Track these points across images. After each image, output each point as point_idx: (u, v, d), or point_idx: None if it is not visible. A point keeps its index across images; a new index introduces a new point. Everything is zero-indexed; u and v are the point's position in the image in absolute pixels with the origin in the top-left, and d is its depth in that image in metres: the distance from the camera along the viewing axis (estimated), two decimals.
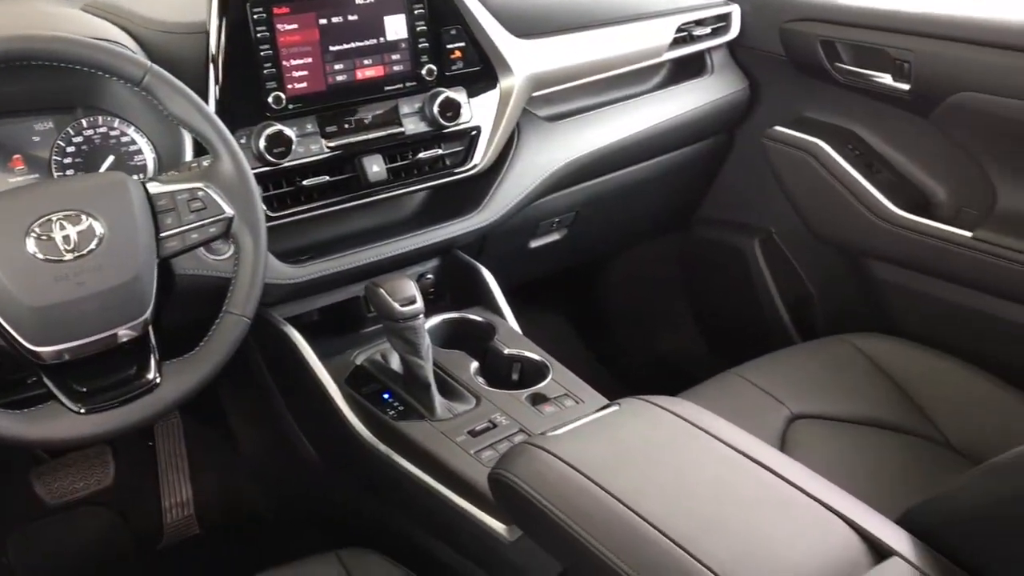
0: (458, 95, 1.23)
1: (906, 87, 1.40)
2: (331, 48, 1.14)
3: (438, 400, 1.09)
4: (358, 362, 1.18)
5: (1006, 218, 1.35)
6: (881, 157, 1.51)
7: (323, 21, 1.13)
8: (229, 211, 0.92)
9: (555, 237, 1.57)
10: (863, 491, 0.92)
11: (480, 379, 1.17)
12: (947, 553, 0.79)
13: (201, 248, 1.01)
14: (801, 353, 1.41)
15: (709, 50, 1.60)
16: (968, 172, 1.41)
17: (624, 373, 1.82)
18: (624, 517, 0.82)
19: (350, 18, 1.15)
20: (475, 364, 1.18)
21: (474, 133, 1.27)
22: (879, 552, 0.79)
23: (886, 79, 1.43)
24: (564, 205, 1.50)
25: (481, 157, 1.28)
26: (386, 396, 1.13)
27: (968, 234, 1.37)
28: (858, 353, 1.37)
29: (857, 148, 1.52)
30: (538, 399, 1.13)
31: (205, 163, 0.94)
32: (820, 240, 1.59)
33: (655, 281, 1.93)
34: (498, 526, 0.97)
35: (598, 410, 0.99)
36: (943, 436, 1.24)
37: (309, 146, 1.13)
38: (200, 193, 0.91)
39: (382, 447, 1.08)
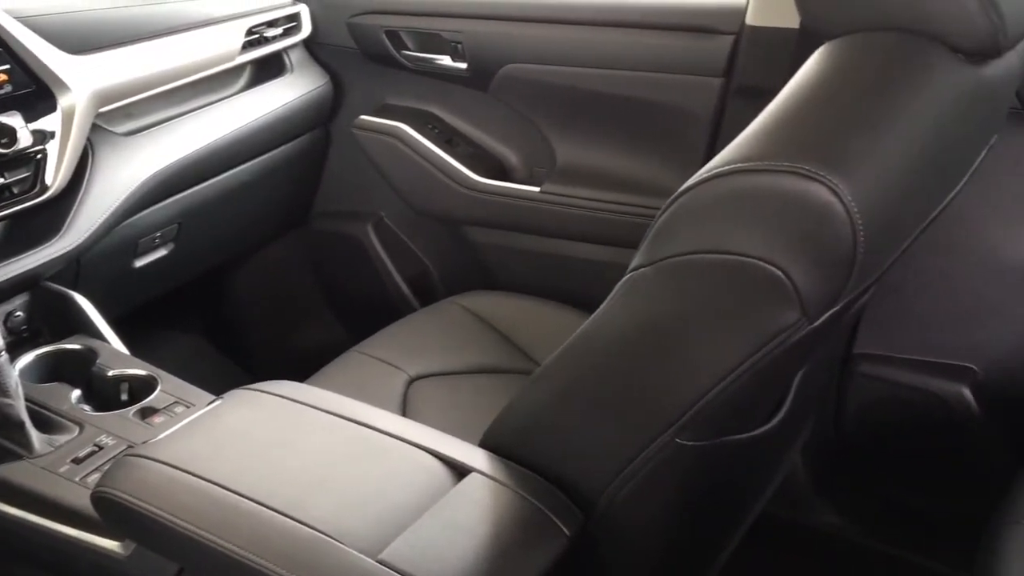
0: (11, 120, 1.17)
1: (464, 66, 1.55)
2: None
3: (35, 436, 1.04)
4: None
5: (564, 171, 1.54)
6: (459, 132, 1.66)
7: None
8: None
9: (162, 252, 1.54)
10: (475, 430, 1.02)
11: (85, 406, 1.13)
12: (518, 459, 0.91)
13: None
14: (415, 321, 1.51)
15: (286, 50, 1.65)
16: (531, 136, 1.59)
17: (267, 373, 1.83)
18: (226, 500, 0.84)
19: None
20: (76, 392, 1.14)
21: (39, 157, 1.21)
22: (461, 472, 0.89)
23: (446, 60, 1.57)
24: (163, 218, 1.48)
25: (51, 181, 1.22)
26: None
27: (537, 190, 1.54)
28: (465, 312, 1.50)
29: (436, 127, 1.65)
30: (147, 412, 1.11)
31: None
32: (422, 215, 1.71)
33: (286, 279, 1.96)
34: (111, 544, 0.96)
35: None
36: None
37: None
38: None
39: None
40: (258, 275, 1.94)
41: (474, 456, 0.91)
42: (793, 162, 0.68)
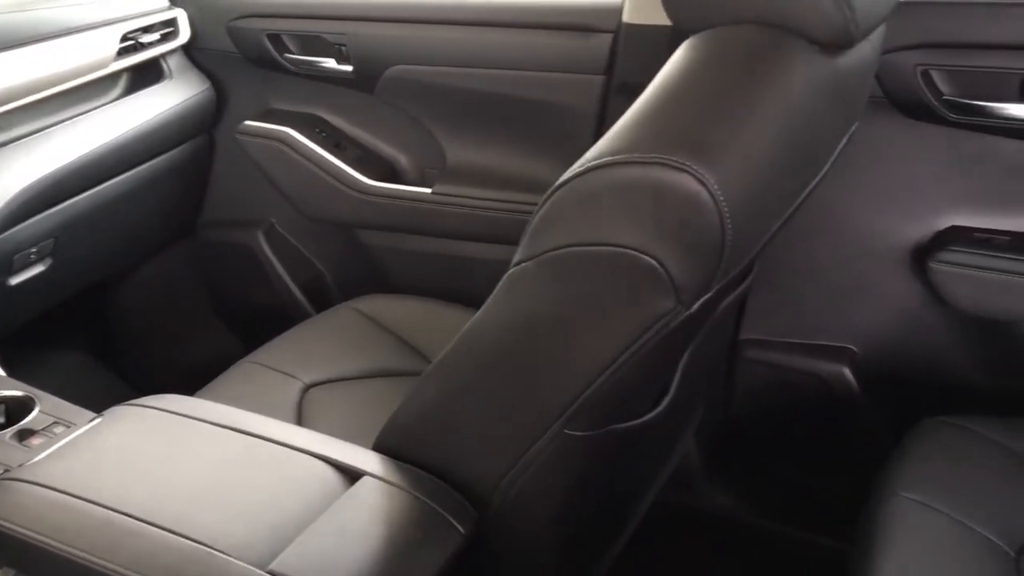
0: None
1: (349, 68, 1.54)
2: None
3: None
4: None
5: (455, 172, 1.54)
6: (347, 135, 1.64)
7: None
8: None
9: (39, 269, 1.47)
10: (372, 434, 1.01)
11: None
12: (410, 460, 0.91)
13: None
14: (310, 327, 1.49)
15: (163, 56, 1.60)
16: (421, 137, 1.59)
17: (157, 389, 1.78)
18: (108, 520, 0.82)
19: None
20: None
21: None
22: (353, 477, 0.88)
23: (331, 63, 1.56)
24: (38, 233, 1.42)
25: None
26: None
27: (429, 191, 1.54)
28: (360, 316, 1.49)
29: (324, 130, 1.63)
30: (25, 434, 1.06)
31: None
32: (314, 220, 1.68)
33: (174, 291, 1.90)
34: None
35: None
36: None
37: None
38: None
39: None
40: (144, 288, 1.88)
41: (366, 460, 0.91)
42: (661, 154, 0.69)
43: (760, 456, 1.52)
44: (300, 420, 1.26)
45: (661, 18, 1.25)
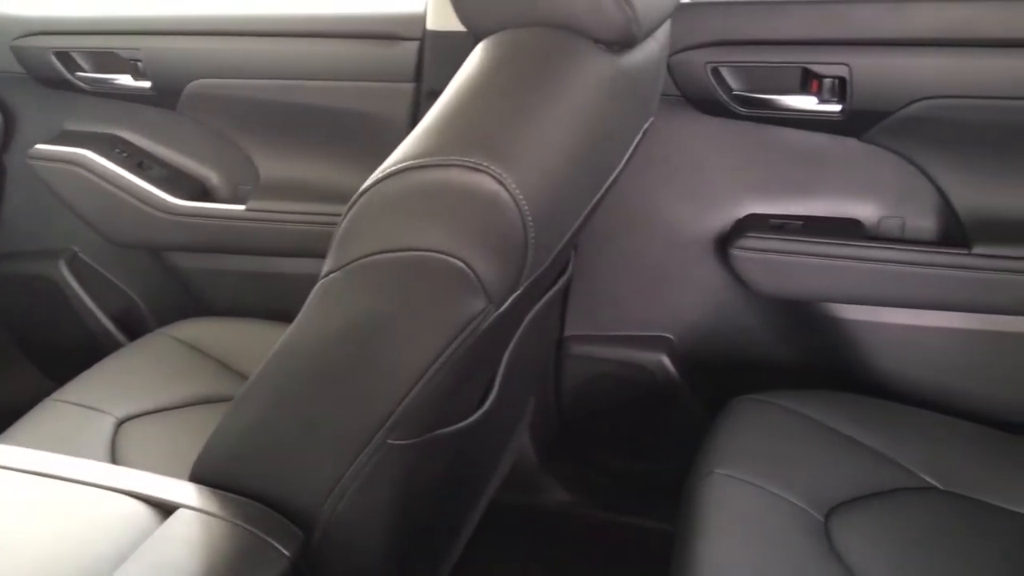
0: None
1: (147, 84, 1.47)
2: None
3: None
4: None
5: (269, 187, 1.50)
6: (150, 154, 1.57)
7: None
8: None
9: None
10: None
11: None
12: (228, 487, 0.87)
13: None
14: (121, 359, 1.41)
15: None
16: (230, 153, 1.53)
17: None
18: None
19: None
20: None
21: None
22: (167, 510, 0.84)
23: (127, 80, 1.49)
24: None
25: None
26: None
27: (243, 208, 1.49)
28: (177, 343, 1.42)
29: (125, 150, 1.55)
30: None
31: None
32: (121, 246, 1.60)
33: None
34: None
35: None
36: None
37: None
38: None
39: None
40: None
41: (181, 491, 0.86)
42: (459, 156, 0.70)
43: (592, 448, 1.55)
44: (114, 458, 1.19)
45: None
